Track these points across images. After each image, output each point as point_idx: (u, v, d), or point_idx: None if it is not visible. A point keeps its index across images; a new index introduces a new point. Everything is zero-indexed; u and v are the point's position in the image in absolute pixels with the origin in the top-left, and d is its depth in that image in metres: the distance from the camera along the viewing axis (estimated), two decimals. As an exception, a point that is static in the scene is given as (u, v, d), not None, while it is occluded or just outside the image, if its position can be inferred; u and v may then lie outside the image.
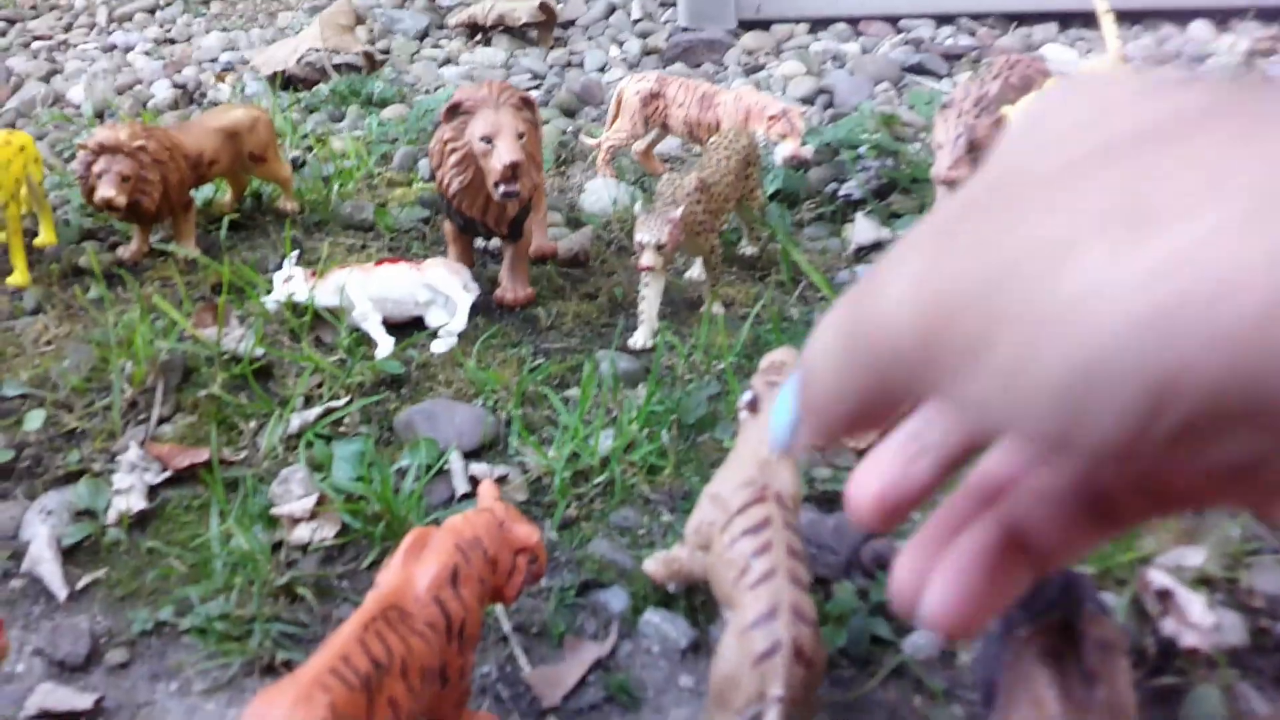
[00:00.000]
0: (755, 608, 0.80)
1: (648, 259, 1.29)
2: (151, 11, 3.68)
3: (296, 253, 1.45)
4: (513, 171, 1.29)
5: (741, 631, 0.80)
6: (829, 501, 1.11)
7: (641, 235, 1.29)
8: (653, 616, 1.01)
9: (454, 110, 1.33)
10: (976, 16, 2.92)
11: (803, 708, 0.79)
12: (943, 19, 2.91)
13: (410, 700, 0.77)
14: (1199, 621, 0.89)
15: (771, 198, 1.76)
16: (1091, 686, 0.66)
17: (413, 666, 0.77)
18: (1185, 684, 0.89)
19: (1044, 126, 0.29)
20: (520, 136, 1.31)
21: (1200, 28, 2.78)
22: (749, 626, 0.79)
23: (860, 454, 1.18)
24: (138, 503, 1.16)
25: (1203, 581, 0.96)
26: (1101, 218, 0.24)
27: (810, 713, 0.81)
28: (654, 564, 1.00)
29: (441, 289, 1.40)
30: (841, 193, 1.76)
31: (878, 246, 1.61)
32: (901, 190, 1.77)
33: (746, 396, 0.96)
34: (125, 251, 1.67)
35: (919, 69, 2.54)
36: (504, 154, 1.29)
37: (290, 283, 1.39)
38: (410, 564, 0.82)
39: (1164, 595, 0.93)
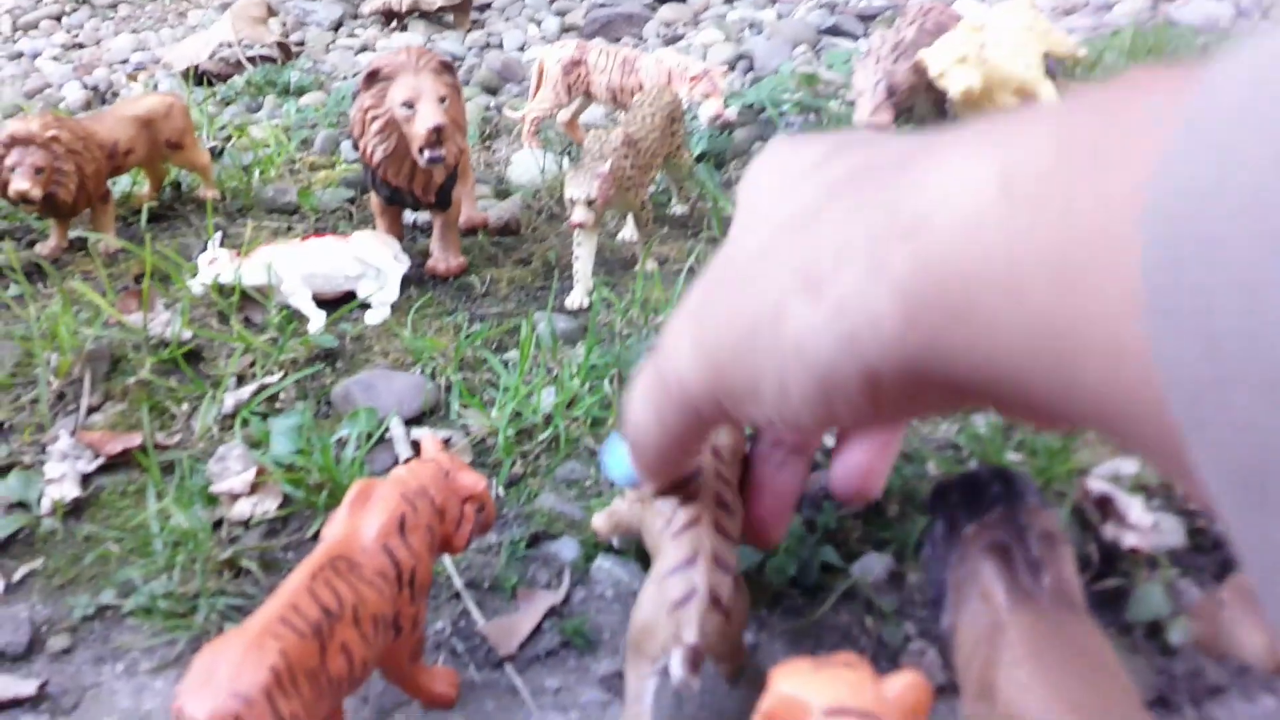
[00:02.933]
0: (675, 555, 0.78)
1: (579, 215, 1.29)
2: (58, 18, 3.59)
3: (220, 234, 1.42)
4: (436, 136, 1.28)
5: (660, 579, 0.78)
6: (773, 440, 1.12)
7: (571, 191, 1.29)
8: (604, 562, 1.01)
9: (373, 77, 1.31)
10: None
11: (723, 659, 0.78)
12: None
13: (364, 648, 0.76)
14: (1138, 522, 0.91)
15: (699, 159, 1.77)
16: (1037, 575, 0.68)
17: (364, 614, 0.76)
18: (1129, 585, 0.91)
19: (750, 209, 0.42)
20: (442, 100, 1.29)
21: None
22: (667, 573, 0.78)
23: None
24: (71, 491, 1.13)
25: (1140, 488, 0.99)
26: (792, 284, 0.35)
27: (733, 664, 0.80)
28: (599, 518, 0.99)
29: (371, 261, 1.38)
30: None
31: (806, 198, 1.62)
32: (826, 143, 1.78)
33: None
34: (44, 248, 1.63)
35: (835, 30, 2.56)
36: (426, 118, 1.27)
37: (215, 264, 1.37)
38: (356, 515, 0.81)
39: (1103, 502, 0.95)
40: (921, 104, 1.64)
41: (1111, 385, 0.26)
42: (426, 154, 1.31)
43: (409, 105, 1.29)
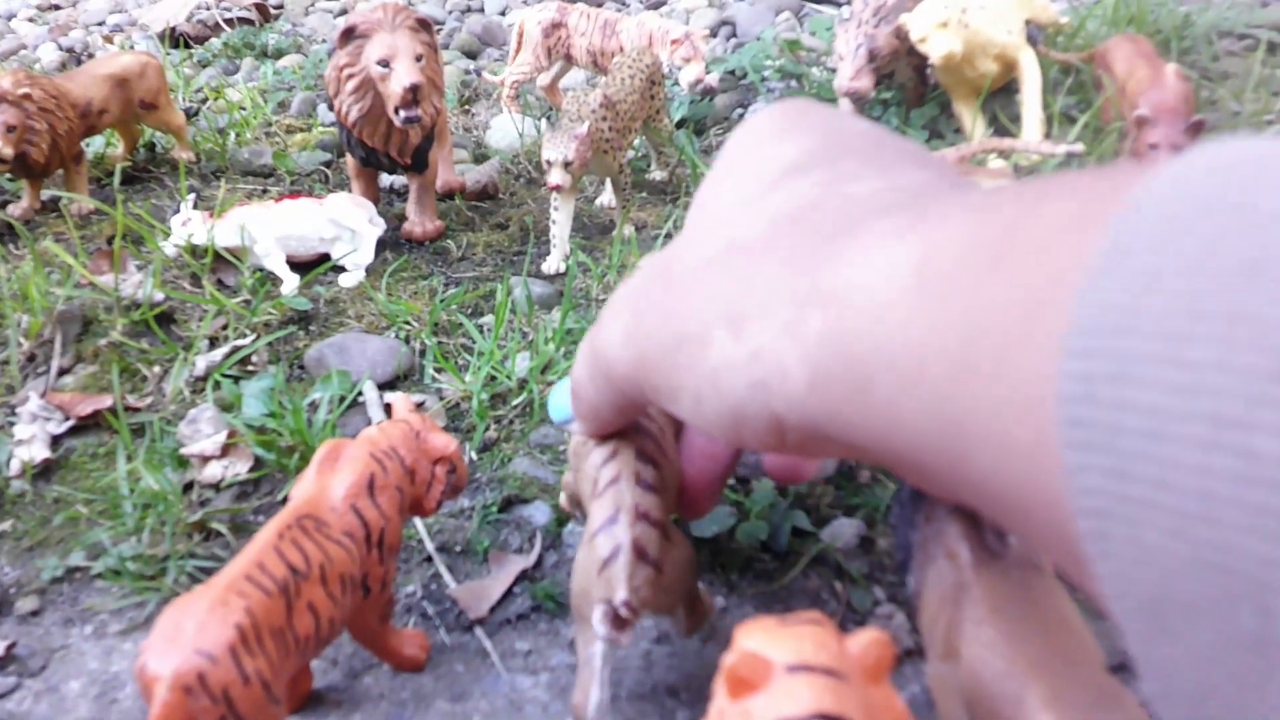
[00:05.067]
0: (599, 514, 0.76)
1: (556, 177, 1.28)
2: (31, -24, 3.53)
3: (193, 196, 1.40)
4: (413, 95, 1.26)
5: (588, 541, 0.76)
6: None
7: (548, 153, 1.28)
8: (576, 527, 1.00)
9: (348, 34, 1.29)
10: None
11: (662, 610, 0.76)
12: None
13: (331, 608, 0.76)
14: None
15: (679, 125, 1.75)
16: (1003, 535, 0.68)
17: (332, 574, 0.76)
18: (1097, 550, 0.91)
19: (708, 209, 0.43)
20: (419, 59, 1.28)
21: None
22: (594, 534, 0.76)
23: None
24: (40, 452, 1.12)
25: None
26: (720, 315, 0.37)
27: (678, 615, 0.79)
28: (562, 495, 0.98)
29: (346, 223, 1.37)
30: (748, 115, 1.76)
31: (786, 165, 1.62)
32: (807, 110, 1.77)
33: None
34: (16, 209, 1.61)
35: (820, -2, 2.54)
36: (403, 76, 1.25)
37: (188, 225, 1.35)
38: (325, 474, 0.81)
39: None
40: (902, 69, 1.63)
41: (1002, 478, 0.26)
42: (402, 113, 1.29)
43: (385, 64, 1.27)
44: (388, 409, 1.14)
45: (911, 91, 1.66)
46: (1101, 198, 0.25)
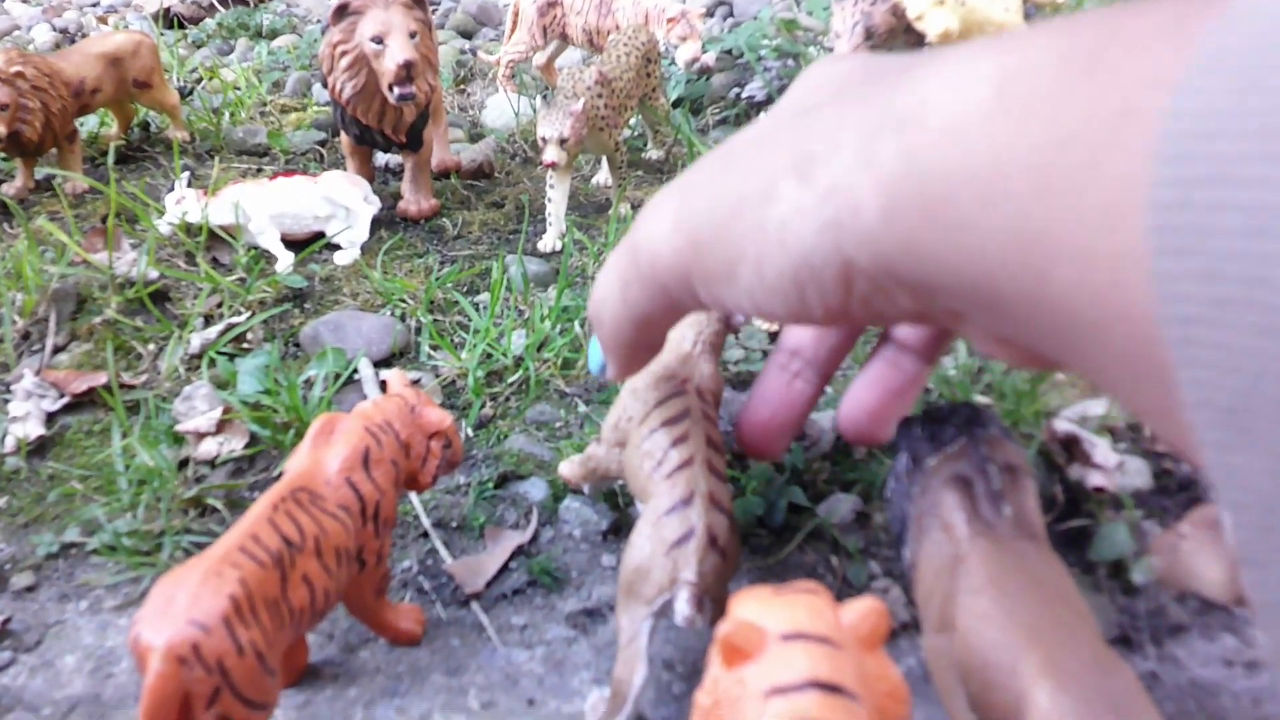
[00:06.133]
0: (670, 495, 0.78)
1: (551, 154, 1.27)
2: (23, -44, 3.50)
3: (187, 174, 1.40)
4: (407, 71, 1.26)
5: (655, 520, 0.78)
6: (743, 382, 1.11)
7: (543, 130, 1.27)
8: (572, 502, 1.00)
9: (342, 11, 1.28)
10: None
11: (717, 600, 0.78)
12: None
13: (326, 580, 0.75)
14: (1103, 462, 0.92)
15: (675, 105, 1.75)
16: (998, 506, 0.68)
17: (327, 546, 0.76)
18: (1093, 525, 0.92)
19: (780, 104, 0.43)
20: (413, 35, 1.27)
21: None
22: (663, 514, 0.78)
23: (772, 336, 1.18)
24: (35, 429, 1.12)
25: (1106, 430, 0.99)
26: (785, 167, 0.35)
27: (721, 609, 0.80)
28: (569, 466, 0.98)
29: (341, 201, 1.36)
30: (744, 94, 1.75)
31: (783, 144, 1.61)
32: (804, 89, 1.76)
33: None
34: (9, 188, 1.60)
35: (818, -23, 2.52)
36: (396, 53, 1.25)
37: (182, 203, 1.34)
38: (319, 448, 0.81)
39: (1069, 443, 0.95)
40: (899, 47, 1.62)
41: (1083, 293, 0.25)
42: (396, 90, 1.29)
43: (379, 40, 1.26)
44: (383, 386, 1.14)
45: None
46: (1194, 6, 0.24)
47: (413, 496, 1.01)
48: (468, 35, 2.30)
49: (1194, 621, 0.84)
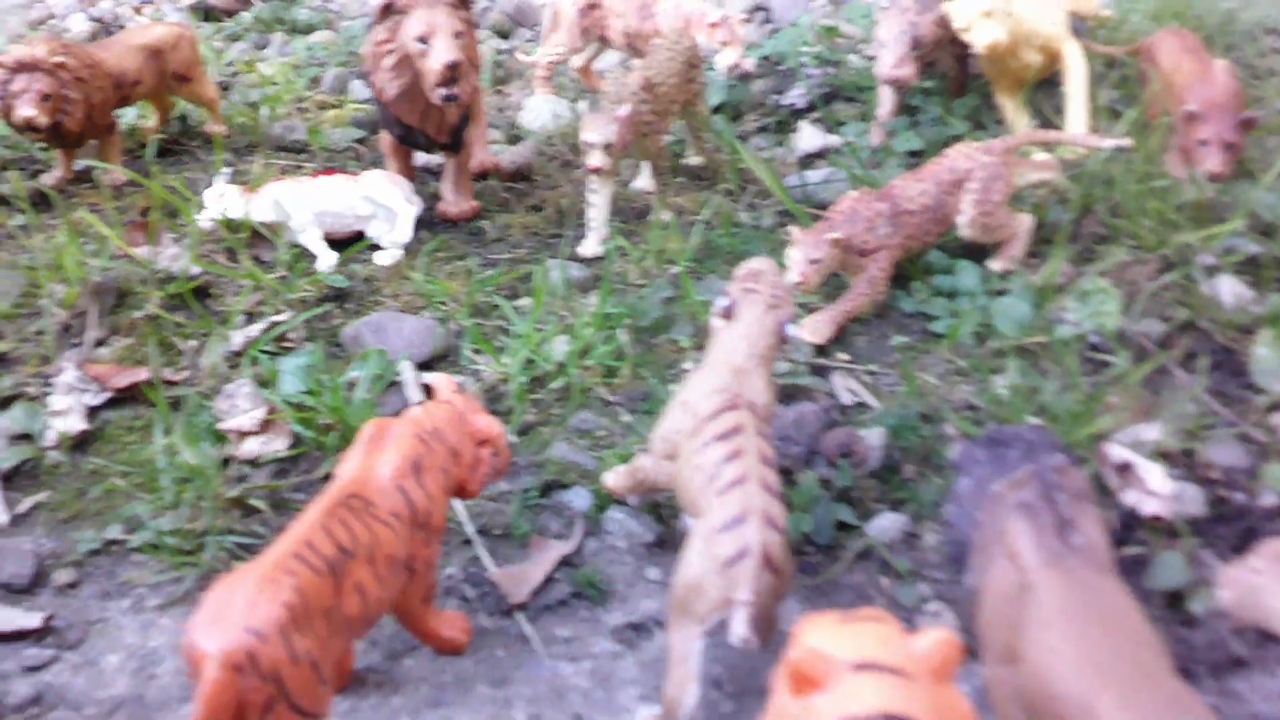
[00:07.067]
0: (724, 513, 0.78)
1: (596, 160, 1.26)
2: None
3: (229, 169, 1.39)
4: (452, 72, 1.25)
5: (709, 537, 0.78)
6: (788, 395, 1.10)
7: (588, 135, 1.26)
8: (616, 514, 0.99)
9: (387, 10, 1.27)
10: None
11: (768, 619, 0.77)
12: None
13: (378, 588, 0.75)
14: (1158, 489, 0.90)
15: (715, 111, 1.74)
16: (1067, 536, 0.67)
17: (379, 554, 0.75)
18: (1148, 553, 0.90)
19: None
20: (457, 36, 1.26)
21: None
22: (717, 531, 0.78)
23: (819, 350, 1.17)
24: (77, 424, 1.11)
25: (1160, 455, 0.97)
26: None
27: (771, 627, 0.79)
28: (615, 477, 0.97)
29: (382, 201, 1.36)
30: (785, 102, 1.74)
31: (822, 154, 1.60)
32: (844, 98, 1.75)
33: (722, 303, 0.93)
34: (49, 178, 1.60)
35: (856, -16, 2.51)
36: (441, 53, 1.24)
37: (223, 199, 1.34)
38: (371, 454, 0.80)
39: (1123, 469, 0.94)
40: (944, 58, 1.61)
41: None
42: (441, 91, 1.28)
43: (423, 40, 1.26)
44: (426, 390, 1.13)
45: (953, 81, 1.64)
46: None
47: (456, 503, 1.00)
48: (504, 35, 2.30)
49: (1254, 655, 0.82)
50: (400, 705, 0.84)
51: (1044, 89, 1.62)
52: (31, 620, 0.93)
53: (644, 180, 1.52)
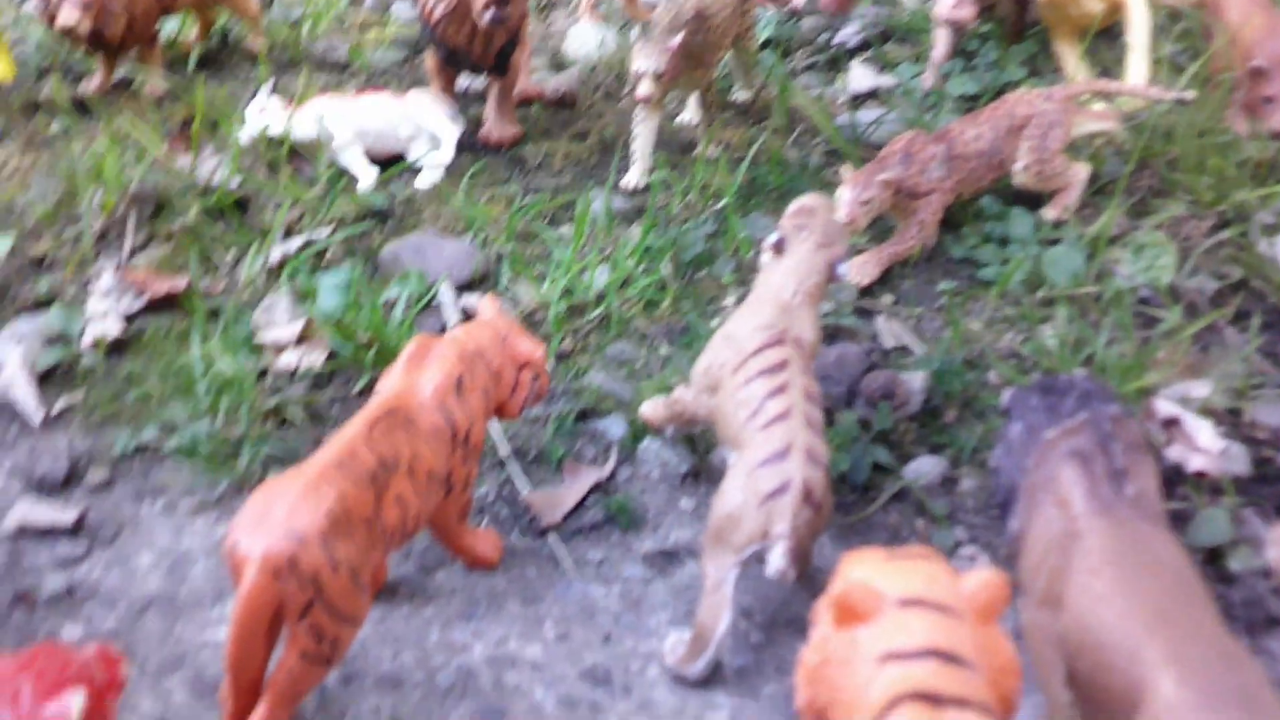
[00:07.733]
0: (766, 447, 0.78)
1: (645, 88, 1.24)
2: None
3: (271, 82, 1.38)
4: (501, -6, 1.22)
5: (750, 470, 0.78)
6: (830, 336, 1.09)
7: (639, 63, 1.24)
8: (652, 444, 0.99)
9: (439, -73, 1.25)
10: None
11: (805, 554, 0.78)
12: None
13: (418, 502, 0.75)
14: (1206, 446, 0.89)
15: (763, 46, 1.70)
16: (1120, 485, 0.65)
17: (419, 469, 0.75)
18: (1190, 509, 0.89)
19: None
20: (509, -44, 1.24)
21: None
22: (758, 465, 0.78)
23: (864, 291, 1.15)
24: (114, 329, 1.11)
25: (1207, 413, 0.96)
26: None
27: (807, 561, 0.80)
28: (653, 407, 0.96)
29: (425, 121, 1.34)
30: (836, 40, 1.70)
31: (874, 94, 1.57)
32: (898, 39, 1.71)
33: (773, 237, 0.92)
34: (90, 85, 1.59)
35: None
36: (492, -26, 1.22)
37: (265, 113, 1.33)
38: (413, 371, 0.80)
39: (1170, 423, 0.93)
40: (1003, 2, 1.57)
41: None
42: (489, 14, 1.25)
43: (473, -40, 1.23)
44: (465, 313, 1.13)
45: (1011, 26, 1.60)
46: None
47: (493, 424, 1.00)
48: (550, -38, 2.26)
49: (1292, 615, 0.81)
50: (432, 615, 0.84)
51: (1104, 39, 1.58)
52: (66, 516, 0.94)
53: (690, 113, 1.49)
